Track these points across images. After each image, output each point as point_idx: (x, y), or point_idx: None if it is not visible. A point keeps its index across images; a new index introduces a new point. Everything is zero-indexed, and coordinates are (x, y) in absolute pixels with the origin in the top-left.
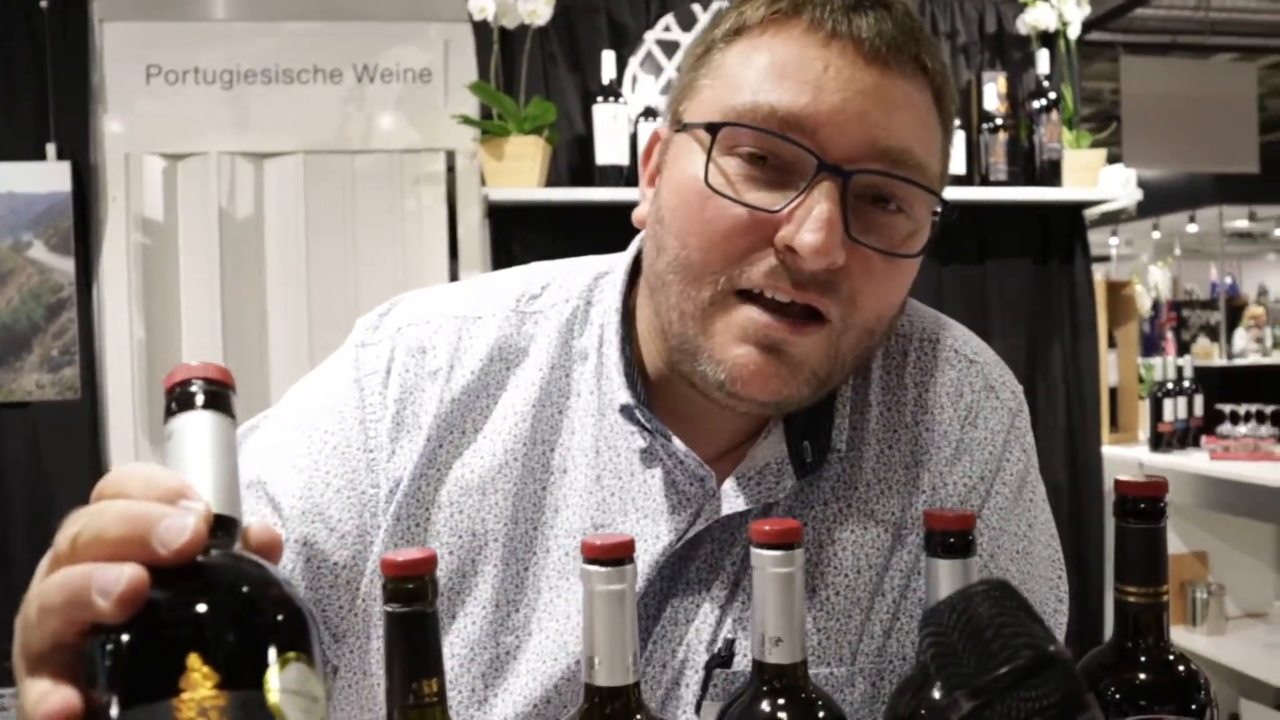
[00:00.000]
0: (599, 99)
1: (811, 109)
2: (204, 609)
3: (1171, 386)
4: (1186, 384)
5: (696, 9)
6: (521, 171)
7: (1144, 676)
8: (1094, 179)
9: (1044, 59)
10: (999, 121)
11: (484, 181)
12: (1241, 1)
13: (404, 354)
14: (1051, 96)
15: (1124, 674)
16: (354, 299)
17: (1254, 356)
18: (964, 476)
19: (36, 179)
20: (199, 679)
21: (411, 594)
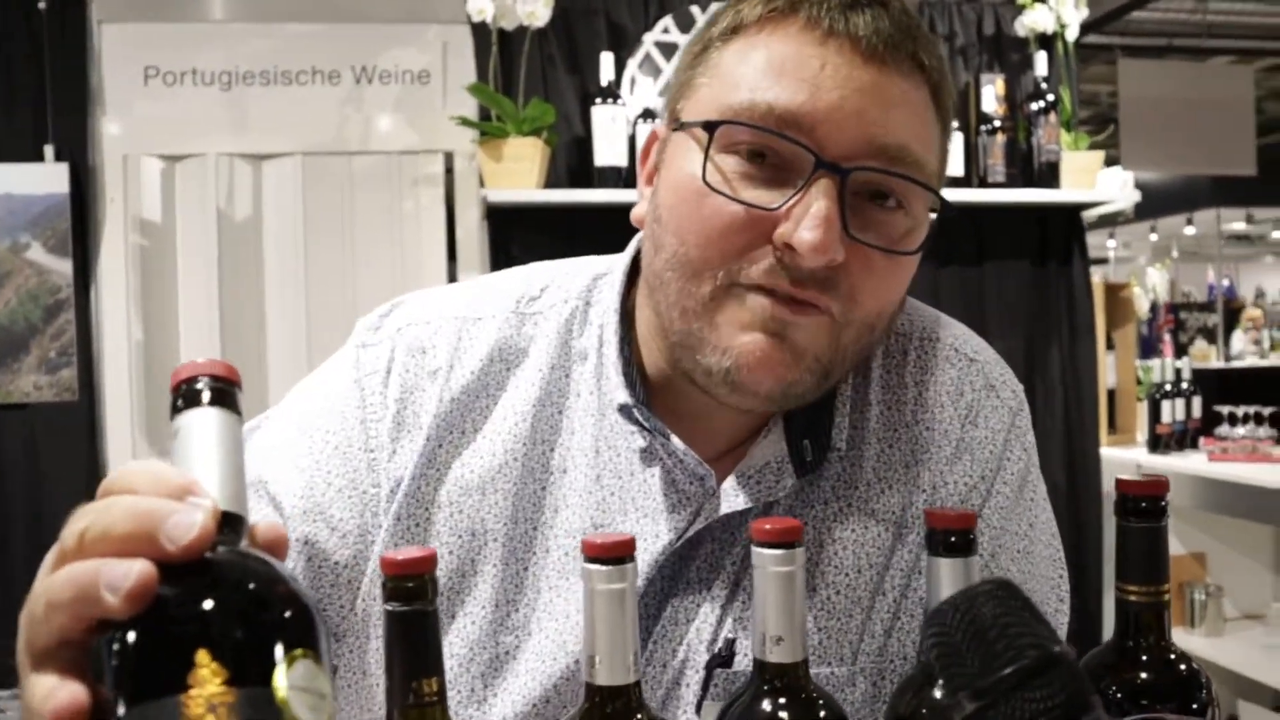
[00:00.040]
0: (597, 101)
1: (809, 107)
2: (212, 605)
3: (1169, 388)
4: (1184, 386)
5: (695, 11)
6: (520, 173)
7: (1145, 675)
8: (1092, 181)
9: (1042, 61)
10: (997, 123)
11: (482, 183)
12: (1238, 4)
13: (404, 354)
14: (1050, 98)
15: (1125, 673)
16: (352, 300)
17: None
18: (964, 475)
19: (34, 180)
20: (207, 675)
21: (412, 593)
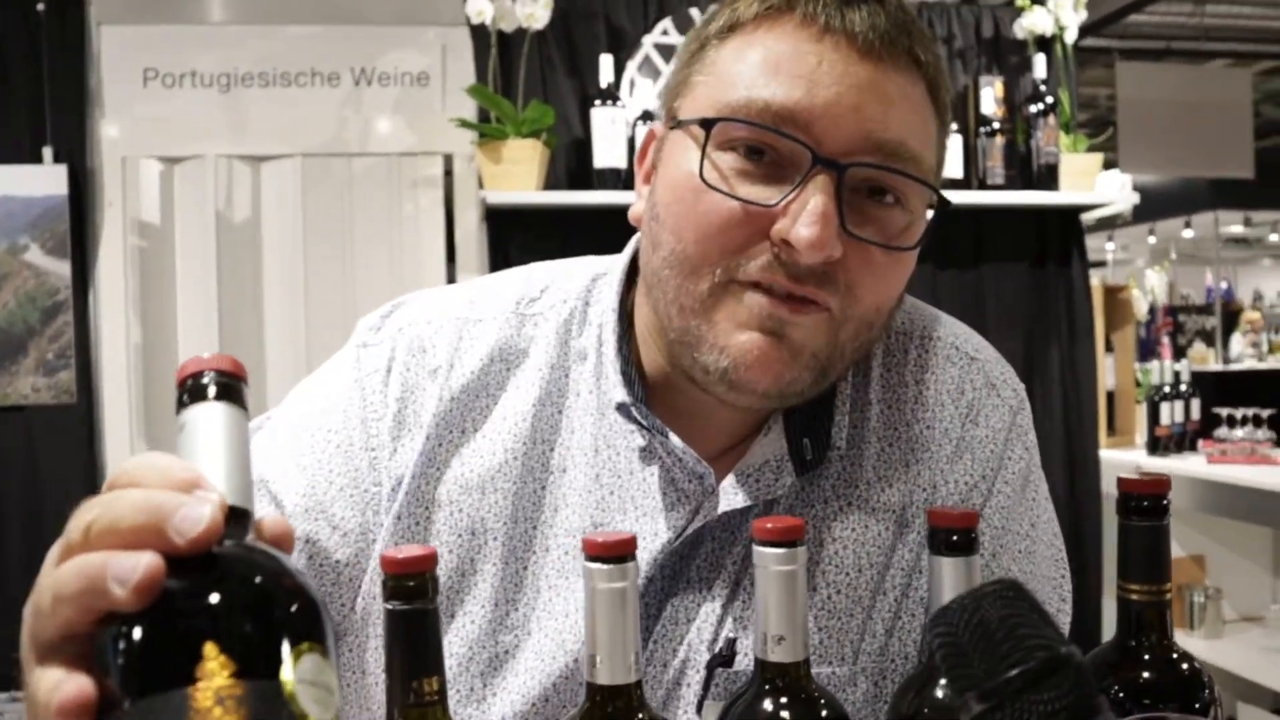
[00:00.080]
0: (597, 102)
1: (806, 103)
2: (220, 599)
3: (1168, 390)
4: (1183, 388)
5: (694, 13)
6: (519, 175)
7: (1148, 675)
8: (1091, 183)
9: (1041, 63)
10: (996, 125)
11: (482, 184)
12: (1236, 8)
13: (404, 353)
14: (1048, 101)
15: (1128, 672)
16: (351, 302)
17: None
18: (965, 475)
19: (33, 182)
20: (215, 668)
21: (412, 591)
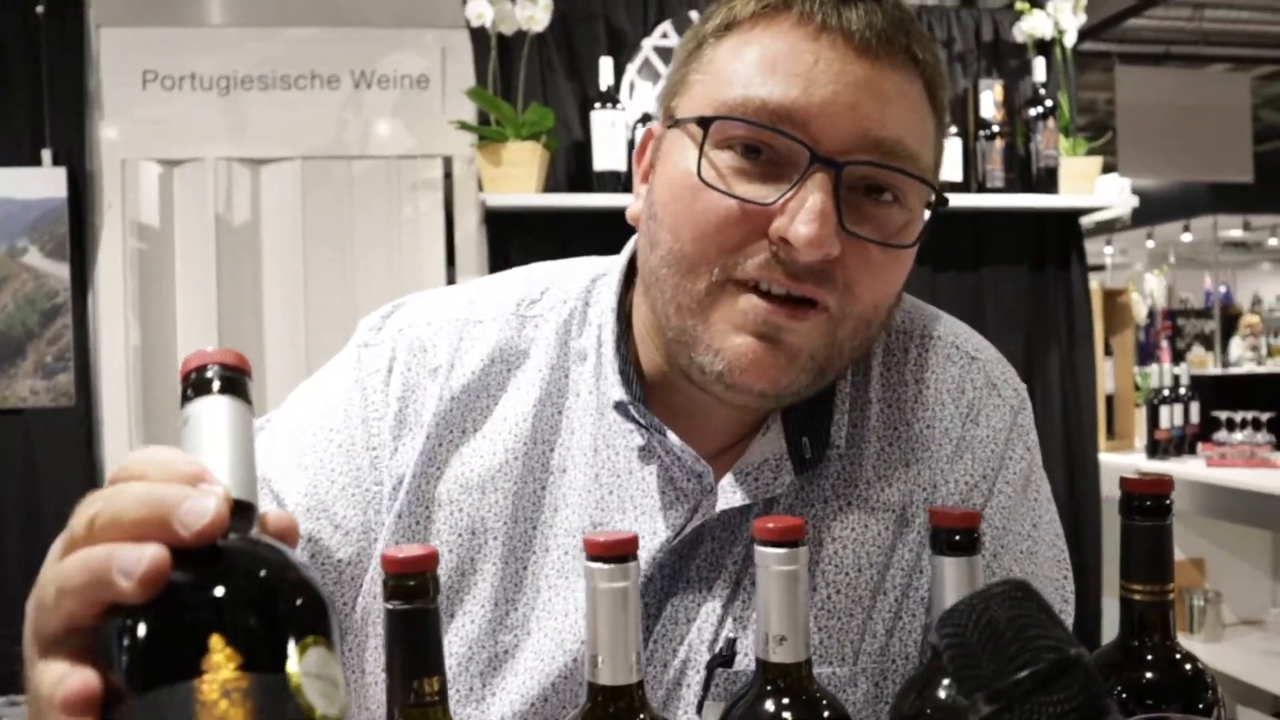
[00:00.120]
0: (597, 105)
1: (803, 101)
2: (225, 591)
3: (1168, 394)
4: (1183, 391)
5: (694, 15)
6: (519, 177)
7: (1151, 675)
8: (1090, 186)
9: (1040, 67)
10: (995, 129)
11: (481, 187)
12: (1234, 12)
13: (405, 353)
14: (1048, 104)
15: (1131, 672)
16: (351, 305)
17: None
18: (966, 474)
19: (32, 185)
20: (221, 660)
21: (413, 591)
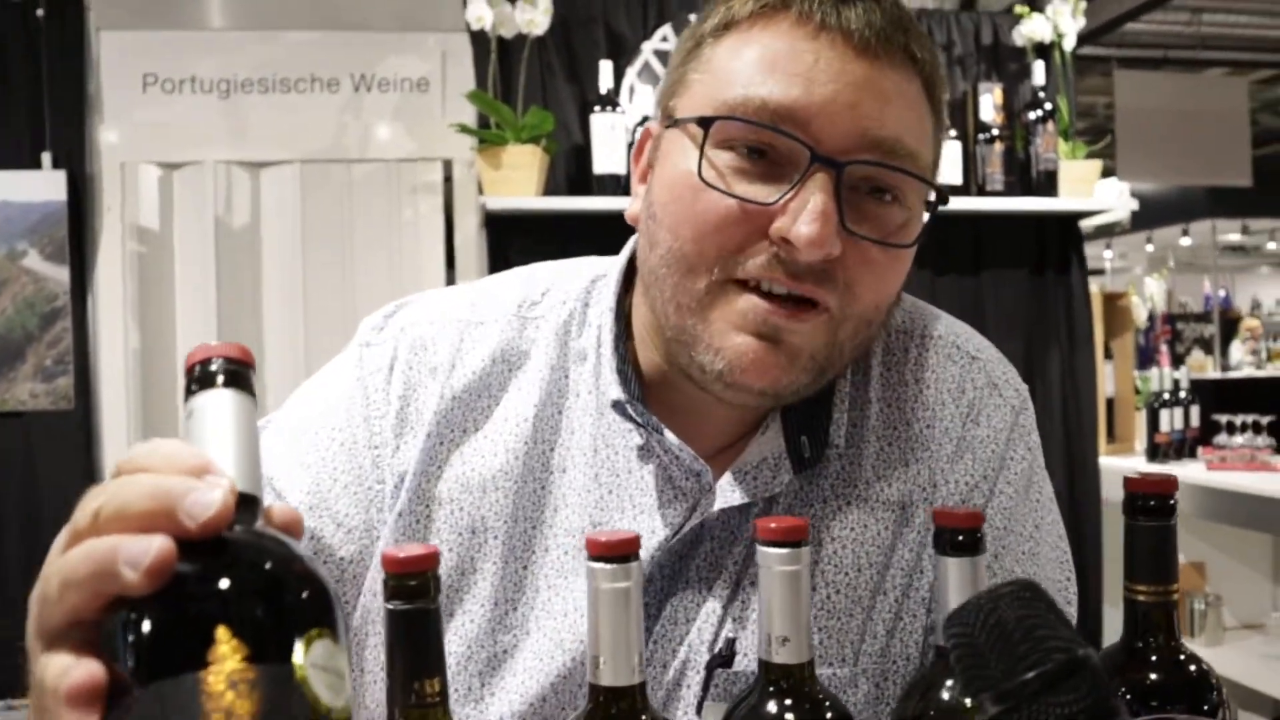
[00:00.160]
0: (596, 108)
1: (804, 101)
2: (231, 583)
3: (1168, 397)
4: (1183, 395)
5: (693, 19)
6: (519, 180)
7: (1155, 676)
8: (1090, 189)
9: (1039, 70)
10: (995, 132)
11: (481, 190)
12: (1232, 17)
13: (407, 352)
14: (1047, 107)
15: (1135, 673)
16: (351, 308)
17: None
18: (966, 475)
19: (32, 188)
20: (227, 652)
21: (414, 591)
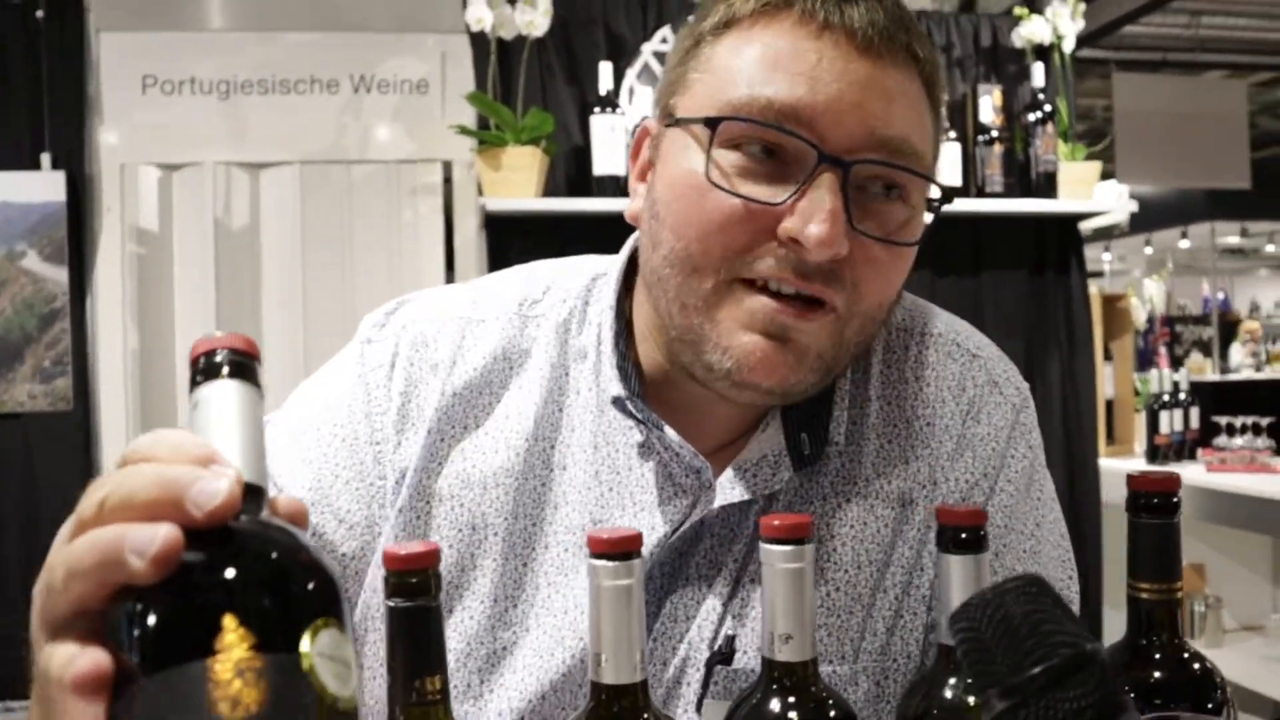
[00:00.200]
0: (596, 110)
1: (809, 100)
2: (238, 572)
3: (1167, 399)
4: (1182, 396)
5: (691, 19)
6: (518, 182)
7: (1159, 674)
8: (1089, 191)
9: (1039, 72)
10: (994, 134)
11: (481, 192)
12: (1231, 19)
13: (408, 348)
14: (1047, 109)
15: (1139, 671)
16: (350, 309)
17: (1248, 372)
18: (966, 472)
19: (31, 188)
20: (234, 640)
21: (415, 588)
